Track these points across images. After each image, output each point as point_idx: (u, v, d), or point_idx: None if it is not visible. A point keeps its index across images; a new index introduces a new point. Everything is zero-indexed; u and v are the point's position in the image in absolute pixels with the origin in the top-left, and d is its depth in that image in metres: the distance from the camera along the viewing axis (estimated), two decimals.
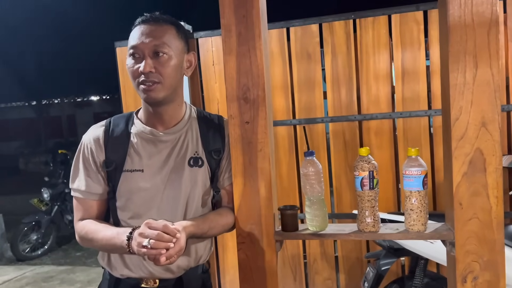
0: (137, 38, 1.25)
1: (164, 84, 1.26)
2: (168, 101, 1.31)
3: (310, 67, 2.86)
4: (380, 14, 2.71)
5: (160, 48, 1.24)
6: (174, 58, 1.27)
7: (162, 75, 1.25)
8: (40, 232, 5.42)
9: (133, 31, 1.28)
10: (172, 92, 1.30)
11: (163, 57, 1.25)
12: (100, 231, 1.27)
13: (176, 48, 1.28)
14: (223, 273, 3.14)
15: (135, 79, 1.27)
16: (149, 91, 1.25)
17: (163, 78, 1.25)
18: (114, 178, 1.31)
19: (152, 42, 1.24)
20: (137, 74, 1.25)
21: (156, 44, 1.24)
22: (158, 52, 1.24)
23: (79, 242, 1.34)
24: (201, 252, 1.37)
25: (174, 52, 1.27)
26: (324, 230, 1.33)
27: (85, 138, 1.36)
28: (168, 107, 1.33)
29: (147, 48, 1.24)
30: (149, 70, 1.23)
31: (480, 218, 1.17)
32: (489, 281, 1.19)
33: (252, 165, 1.31)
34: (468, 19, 1.14)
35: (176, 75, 1.30)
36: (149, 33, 1.25)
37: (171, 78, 1.27)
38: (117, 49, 3.15)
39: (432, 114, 2.68)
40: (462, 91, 1.15)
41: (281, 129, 2.92)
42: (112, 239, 1.22)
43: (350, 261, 2.93)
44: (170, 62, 1.26)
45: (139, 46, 1.25)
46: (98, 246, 1.29)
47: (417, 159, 1.22)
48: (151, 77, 1.24)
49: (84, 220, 1.33)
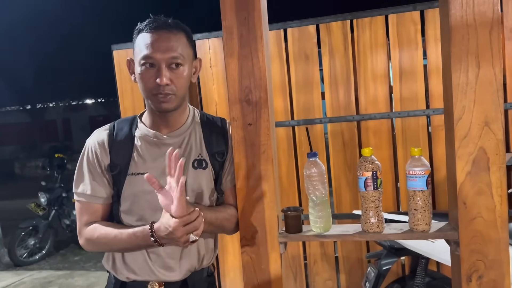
0: (151, 47, 1.23)
1: (178, 95, 1.27)
2: (177, 108, 1.32)
3: (308, 68, 2.86)
4: (377, 15, 2.72)
5: (176, 60, 1.24)
6: (187, 68, 1.28)
7: (177, 87, 1.26)
8: (37, 237, 5.37)
9: (142, 37, 1.25)
10: (183, 99, 1.32)
11: (179, 69, 1.26)
12: (115, 229, 1.26)
13: (189, 57, 1.29)
14: (223, 276, 3.14)
15: (148, 89, 1.26)
16: (164, 102, 1.26)
17: (178, 90, 1.26)
18: (119, 182, 1.31)
19: (169, 54, 1.23)
20: (152, 86, 1.24)
21: (174, 56, 1.24)
22: (175, 63, 1.24)
23: (85, 246, 1.32)
24: (203, 252, 1.36)
25: (188, 62, 1.28)
26: (328, 231, 1.33)
27: (89, 142, 1.36)
28: (174, 113, 1.33)
29: (164, 60, 1.23)
30: (167, 82, 1.23)
31: (484, 217, 1.18)
32: (494, 280, 1.19)
33: (255, 167, 1.31)
34: (470, 19, 1.14)
35: (187, 84, 1.31)
36: (164, 43, 1.23)
37: (184, 88, 1.29)
38: (114, 52, 3.13)
39: (430, 113, 2.68)
40: (464, 90, 1.16)
41: (280, 130, 2.92)
42: (134, 233, 1.22)
43: (350, 262, 2.93)
44: (185, 74, 1.27)
45: (154, 56, 1.23)
46: (115, 244, 1.27)
47: (420, 159, 1.22)
48: (166, 90, 1.24)
49: (92, 224, 1.31)
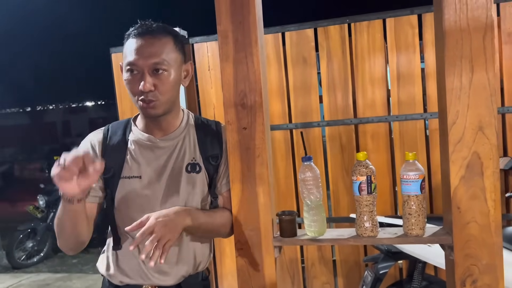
0: (134, 53, 1.22)
1: (162, 100, 1.26)
2: (166, 113, 1.31)
3: (306, 71, 2.86)
4: (375, 18, 2.72)
5: (159, 65, 1.23)
6: (173, 73, 1.26)
7: (161, 93, 1.25)
8: (36, 239, 5.37)
9: (128, 43, 1.25)
10: (172, 104, 1.31)
11: (163, 74, 1.24)
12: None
13: (175, 62, 1.27)
14: (220, 279, 3.13)
15: (134, 95, 1.26)
16: (148, 108, 1.25)
17: (162, 96, 1.25)
18: (112, 185, 1.31)
19: (151, 60, 1.22)
20: (137, 92, 1.24)
21: (157, 62, 1.22)
22: (158, 69, 1.23)
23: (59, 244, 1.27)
24: (200, 258, 1.37)
25: (173, 66, 1.26)
26: (322, 235, 1.33)
27: (82, 145, 1.36)
28: (166, 117, 1.33)
29: (146, 66, 1.22)
30: (150, 89, 1.22)
31: (478, 221, 1.18)
32: (488, 284, 1.19)
33: (250, 171, 1.31)
34: (463, 23, 1.14)
35: (175, 89, 1.30)
36: (147, 49, 1.22)
37: (170, 93, 1.27)
38: (112, 55, 3.14)
39: (428, 117, 2.69)
40: (458, 95, 1.16)
41: (277, 133, 2.92)
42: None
43: (348, 265, 2.93)
44: (170, 78, 1.25)
45: (137, 63, 1.22)
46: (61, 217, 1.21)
47: (414, 163, 1.22)
48: (149, 96, 1.23)
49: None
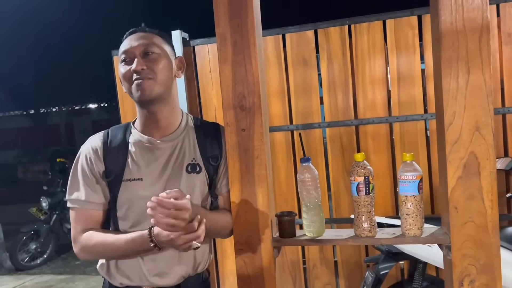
0: (126, 45, 1.33)
1: (157, 79, 1.30)
2: (161, 100, 1.33)
3: (306, 72, 2.87)
4: (375, 20, 2.73)
5: (149, 48, 1.31)
6: (164, 57, 1.33)
7: (154, 71, 1.29)
8: (39, 241, 5.39)
9: (122, 44, 1.36)
10: (165, 90, 1.33)
11: (153, 55, 1.31)
12: (112, 236, 1.28)
13: (164, 50, 1.35)
14: (222, 280, 3.14)
15: (127, 80, 1.31)
16: (144, 90, 1.28)
17: (155, 74, 1.29)
18: (115, 188, 1.32)
19: (141, 44, 1.31)
20: (129, 75, 1.30)
21: (146, 44, 1.31)
22: (148, 52, 1.31)
23: (80, 254, 1.32)
24: (199, 259, 1.37)
25: (163, 52, 1.34)
26: (321, 235, 1.34)
27: (83, 149, 1.37)
28: (162, 107, 1.34)
29: (137, 49, 1.30)
30: (141, 67, 1.28)
31: (476, 221, 1.18)
32: (486, 284, 1.19)
33: (249, 172, 1.32)
34: (459, 25, 1.15)
35: (168, 73, 1.34)
36: (138, 39, 1.32)
37: (163, 74, 1.32)
38: (114, 58, 3.16)
39: (428, 117, 2.69)
40: (455, 96, 1.17)
41: (278, 134, 2.93)
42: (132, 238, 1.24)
43: (349, 266, 2.93)
44: (160, 60, 1.32)
45: (129, 49, 1.31)
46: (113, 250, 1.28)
47: (412, 164, 1.23)
48: (143, 74, 1.28)
49: (87, 231, 1.31)
